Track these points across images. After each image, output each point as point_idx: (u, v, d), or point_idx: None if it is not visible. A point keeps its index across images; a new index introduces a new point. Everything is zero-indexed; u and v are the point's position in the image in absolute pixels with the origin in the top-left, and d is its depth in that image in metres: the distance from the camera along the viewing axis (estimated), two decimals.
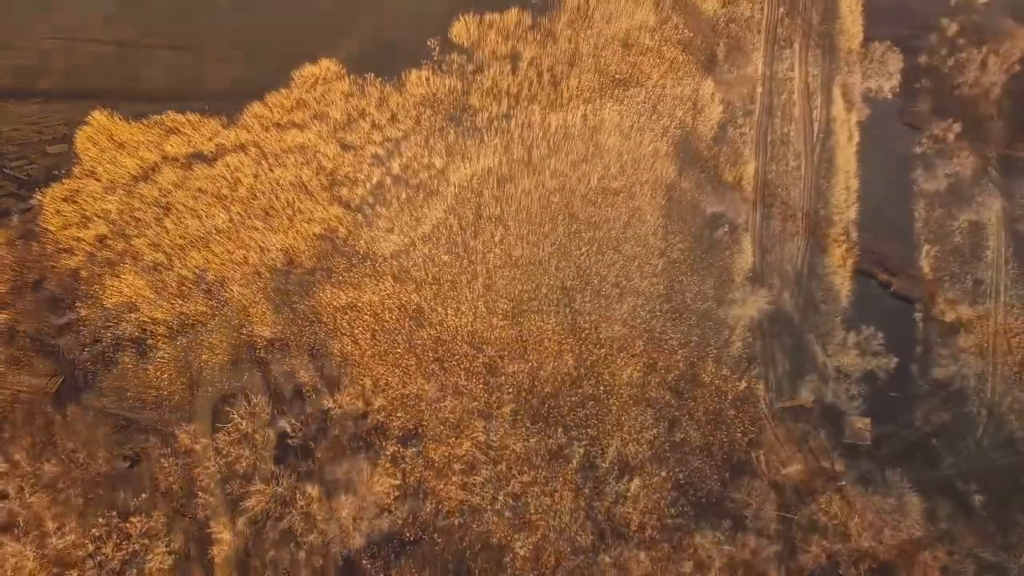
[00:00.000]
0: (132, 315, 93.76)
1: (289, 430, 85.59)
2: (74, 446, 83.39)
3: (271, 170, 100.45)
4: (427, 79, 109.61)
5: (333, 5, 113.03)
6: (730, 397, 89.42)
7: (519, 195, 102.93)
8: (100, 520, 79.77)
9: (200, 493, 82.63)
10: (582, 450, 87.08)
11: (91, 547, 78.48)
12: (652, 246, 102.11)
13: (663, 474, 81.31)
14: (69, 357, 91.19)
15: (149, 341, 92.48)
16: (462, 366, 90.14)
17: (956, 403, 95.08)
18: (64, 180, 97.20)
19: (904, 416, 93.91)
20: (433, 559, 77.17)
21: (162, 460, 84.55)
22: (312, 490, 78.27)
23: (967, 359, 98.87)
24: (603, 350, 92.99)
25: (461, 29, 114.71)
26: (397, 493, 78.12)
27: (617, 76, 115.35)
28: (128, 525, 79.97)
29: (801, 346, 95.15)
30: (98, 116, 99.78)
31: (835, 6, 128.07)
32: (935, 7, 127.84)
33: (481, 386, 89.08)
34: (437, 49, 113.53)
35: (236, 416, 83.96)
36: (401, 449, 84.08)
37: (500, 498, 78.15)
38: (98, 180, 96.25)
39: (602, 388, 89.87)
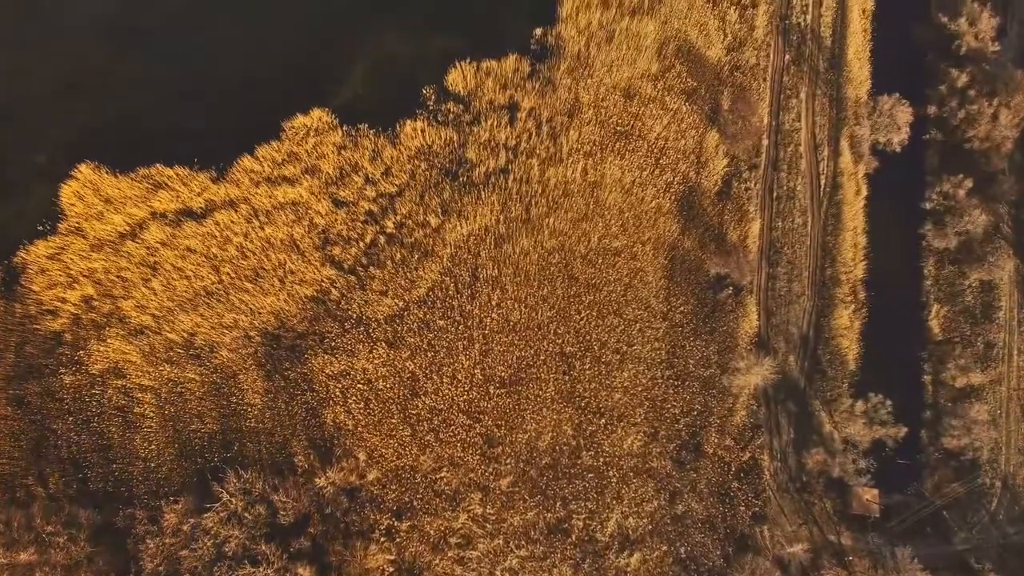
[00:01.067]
0: (118, 382, 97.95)
1: (280, 507, 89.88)
2: (54, 528, 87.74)
3: (262, 228, 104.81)
4: (422, 130, 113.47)
5: (325, 52, 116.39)
6: (734, 468, 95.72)
7: (517, 256, 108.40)
8: None
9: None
10: (581, 523, 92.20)
11: None
12: (654, 309, 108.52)
13: (664, 548, 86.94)
14: (52, 427, 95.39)
15: (136, 410, 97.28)
16: (458, 437, 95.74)
17: (969, 474, 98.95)
18: (49, 237, 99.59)
19: (914, 486, 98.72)
20: None
21: (147, 540, 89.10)
22: (304, 571, 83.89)
23: (979, 428, 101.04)
24: (603, 420, 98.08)
25: (457, 77, 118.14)
26: (392, 569, 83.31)
27: (619, 128, 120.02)
28: None
29: (807, 413, 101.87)
30: (85, 169, 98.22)
31: (842, 53, 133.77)
32: (944, 55, 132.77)
33: (478, 457, 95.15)
34: (433, 98, 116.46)
35: (225, 494, 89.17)
36: (396, 523, 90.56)
37: (497, 573, 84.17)
38: (84, 237, 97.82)
39: (602, 459, 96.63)
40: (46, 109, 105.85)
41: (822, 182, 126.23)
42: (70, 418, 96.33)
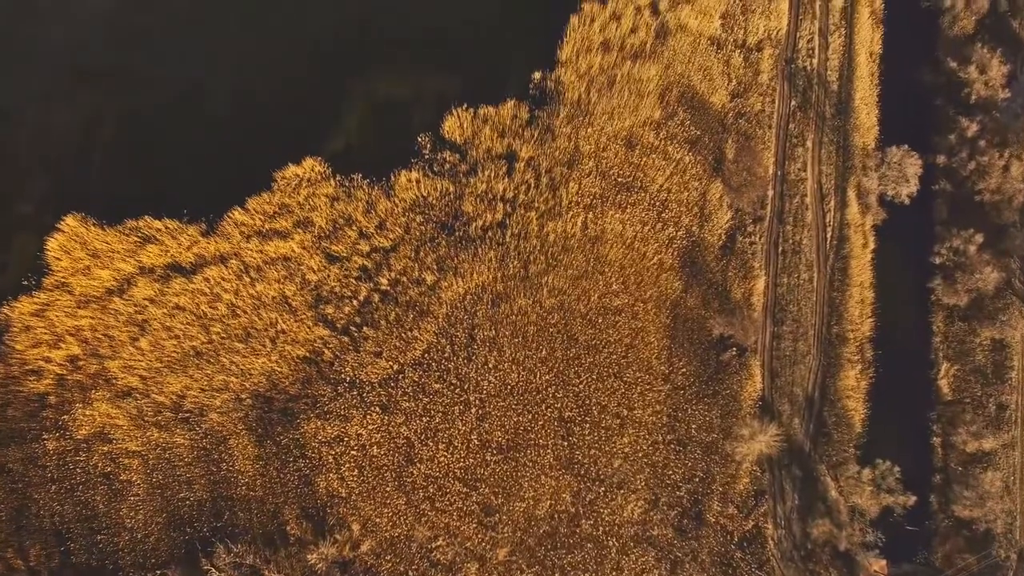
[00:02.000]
0: (104, 447, 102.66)
1: None
2: None
3: (252, 285, 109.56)
4: (417, 181, 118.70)
5: (317, 97, 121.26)
6: (736, 537, 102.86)
7: (515, 315, 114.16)
8: None
9: None
10: None
11: None
12: (655, 371, 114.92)
13: None
14: (33, 497, 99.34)
15: (122, 477, 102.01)
16: (455, 505, 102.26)
17: (981, 545, 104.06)
18: (34, 293, 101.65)
19: (924, 555, 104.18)
20: None
21: None
22: None
23: (993, 501, 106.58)
24: (602, 487, 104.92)
25: (454, 124, 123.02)
26: None
27: (620, 180, 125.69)
28: None
29: (812, 478, 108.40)
30: (71, 221, 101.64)
31: (849, 98, 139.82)
32: (953, 101, 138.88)
33: (475, 526, 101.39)
34: (428, 146, 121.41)
35: (215, 571, 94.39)
36: None
37: None
38: (71, 293, 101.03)
39: (601, 528, 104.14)
40: (31, 158, 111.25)
41: (828, 235, 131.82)
42: (53, 487, 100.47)
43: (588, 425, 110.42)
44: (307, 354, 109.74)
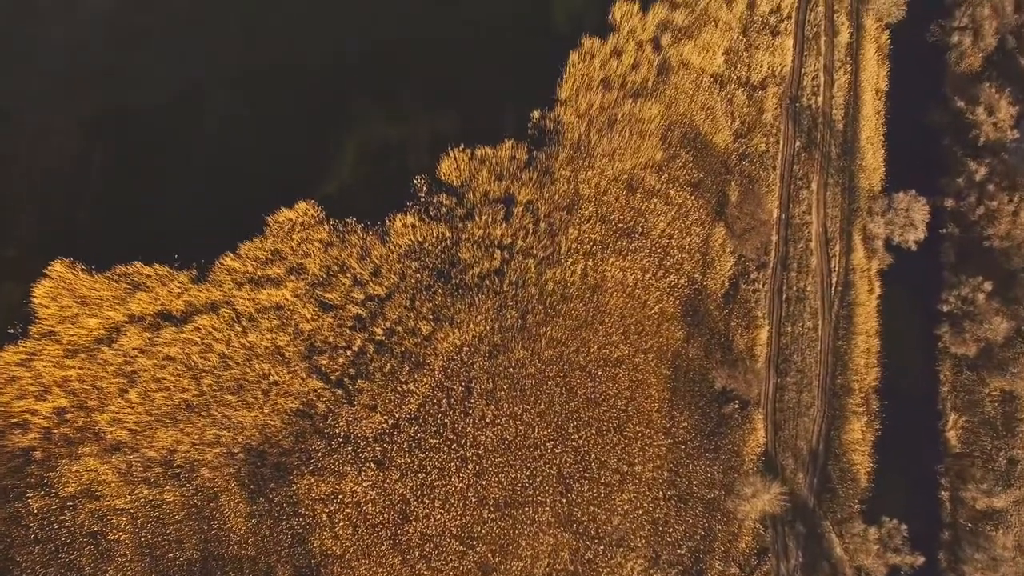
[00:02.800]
0: (91, 505, 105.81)
1: None
2: None
3: (245, 334, 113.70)
4: (413, 226, 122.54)
5: (310, 136, 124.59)
6: None
7: (512, 367, 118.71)
8: None
9: None
10: None
11: None
12: (656, 424, 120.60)
13: None
14: (16, 559, 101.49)
15: (110, 536, 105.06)
16: (451, 564, 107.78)
17: None
18: (20, 342, 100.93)
19: None
20: None
21: None
22: None
23: (1006, 566, 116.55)
24: (601, 545, 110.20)
25: (450, 166, 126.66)
26: None
27: (620, 225, 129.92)
28: None
29: (817, 535, 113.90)
30: (59, 267, 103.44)
31: (855, 137, 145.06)
32: (961, 142, 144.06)
33: None
34: (424, 189, 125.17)
35: None
36: None
37: None
38: (58, 342, 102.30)
39: None
40: (17, 200, 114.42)
41: (833, 281, 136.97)
42: (37, 547, 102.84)
43: (587, 481, 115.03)
44: (300, 407, 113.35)
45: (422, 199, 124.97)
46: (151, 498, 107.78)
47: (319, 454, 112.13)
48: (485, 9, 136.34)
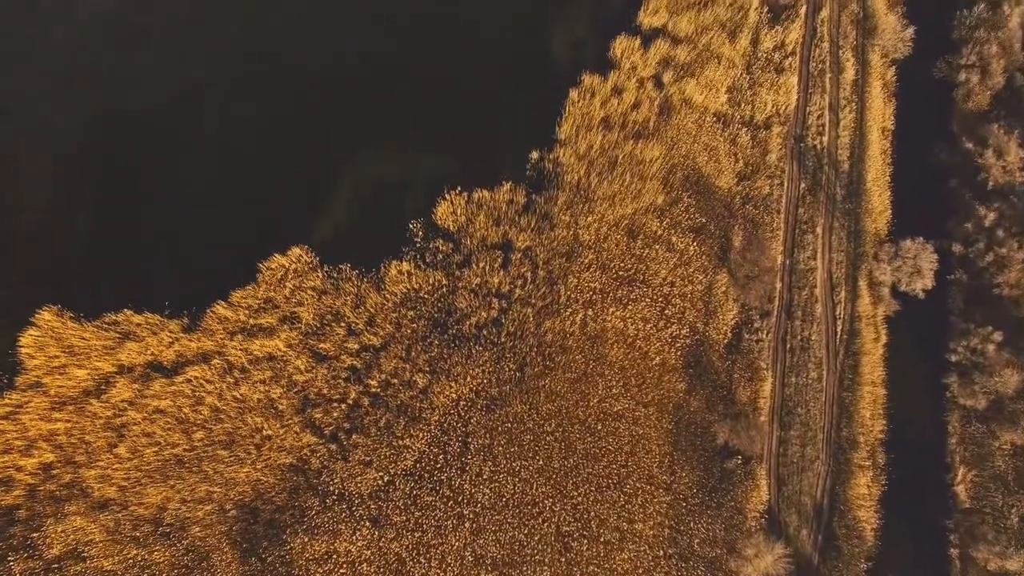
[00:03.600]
0: (77, 566, 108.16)
1: None
2: None
3: (237, 386, 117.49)
4: (408, 273, 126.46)
5: (304, 177, 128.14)
6: None
7: (510, 422, 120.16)
8: None
9: None
10: None
11: None
12: (657, 480, 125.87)
13: None
14: None
15: None
16: None
17: None
18: (6, 393, 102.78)
19: None
20: None
21: None
22: None
23: None
24: None
25: (447, 210, 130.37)
26: None
27: (621, 273, 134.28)
28: None
29: None
30: (47, 315, 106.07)
31: (860, 178, 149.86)
32: (970, 186, 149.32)
33: None
34: (420, 234, 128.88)
35: None
36: None
37: None
38: (45, 394, 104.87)
39: None
40: (4, 244, 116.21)
41: (839, 328, 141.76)
42: None
43: (587, 540, 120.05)
44: (294, 462, 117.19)
45: (418, 244, 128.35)
46: (140, 558, 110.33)
47: (313, 512, 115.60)
48: (482, 44, 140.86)
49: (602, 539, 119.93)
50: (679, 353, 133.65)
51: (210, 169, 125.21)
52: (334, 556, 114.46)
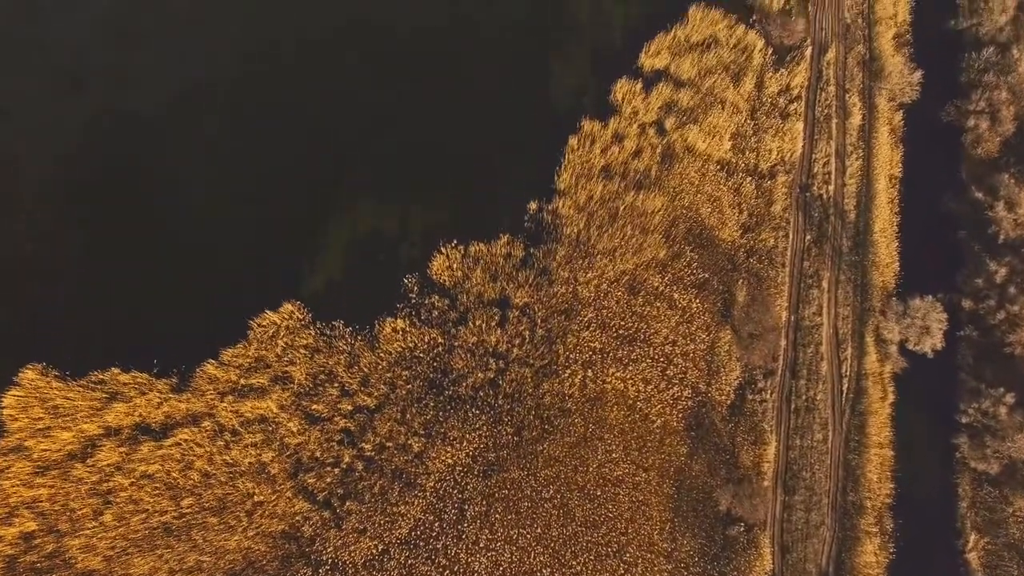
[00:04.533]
0: None
1: None
2: None
3: (227, 449, 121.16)
4: (403, 331, 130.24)
5: (296, 230, 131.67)
6: None
7: (508, 488, 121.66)
8: None
9: None
10: None
11: None
12: (658, 548, 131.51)
13: None
14: None
15: None
16: None
17: None
18: None
19: None
20: None
21: None
22: None
23: None
24: None
25: (442, 265, 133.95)
26: None
27: (621, 331, 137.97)
28: None
29: None
30: (31, 374, 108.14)
31: (867, 229, 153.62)
32: (980, 238, 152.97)
33: None
34: (415, 290, 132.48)
35: None
36: None
37: None
38: (28, 458, 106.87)
39: None
40: None
41: (845, 387, 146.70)
42: None
43: None
44: (287, 529, 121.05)
45: (413, 300, 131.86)
46: None
47: None
48: (478, 87, 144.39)
49: None
50: (681, 415, 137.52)
51: (198, 220, 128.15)
52: None
